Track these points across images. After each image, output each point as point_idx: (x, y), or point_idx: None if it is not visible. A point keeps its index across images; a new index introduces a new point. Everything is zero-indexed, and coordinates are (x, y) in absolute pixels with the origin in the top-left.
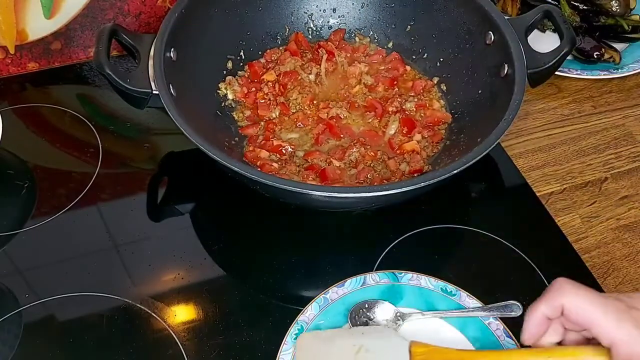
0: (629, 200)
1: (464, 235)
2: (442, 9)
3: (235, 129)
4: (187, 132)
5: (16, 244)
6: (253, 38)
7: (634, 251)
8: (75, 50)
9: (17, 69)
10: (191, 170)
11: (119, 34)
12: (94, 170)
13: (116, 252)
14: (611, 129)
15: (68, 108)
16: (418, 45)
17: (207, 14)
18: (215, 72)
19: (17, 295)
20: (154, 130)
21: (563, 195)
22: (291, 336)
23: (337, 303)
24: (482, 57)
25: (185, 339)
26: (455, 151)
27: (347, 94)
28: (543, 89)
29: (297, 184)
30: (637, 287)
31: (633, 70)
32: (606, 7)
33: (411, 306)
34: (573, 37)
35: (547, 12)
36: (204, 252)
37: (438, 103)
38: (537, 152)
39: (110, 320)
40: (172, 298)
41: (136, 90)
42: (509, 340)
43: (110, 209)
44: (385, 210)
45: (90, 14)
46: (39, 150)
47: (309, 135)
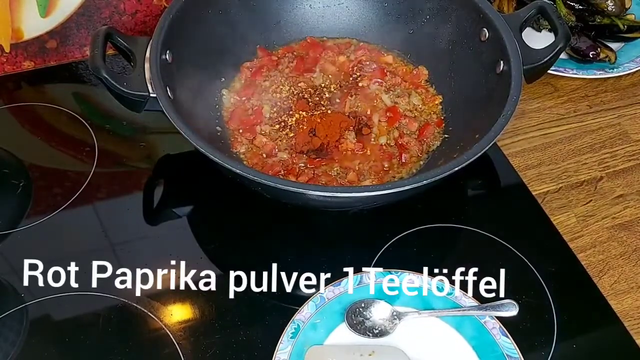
0: (624, 199)
1: (460, 234)
2: (436, 6)
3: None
4: (187, 135)
5: (11, 243)
6: (248, 38)
7: (629, 250)
8: (70, 49)
9: (13, 67)
10: (187, 172)
11: (114, 37)
12: (89, 169)
13: (112, 251)
14: (606, 128)
15: (64, 107)
16: (412, 43)
17: (201, 15)
18: (212, 73)
19: (13, 294)
20: (150, 129)
21: (559, 194)
22: (287, 335)
23: (334, 302)
24: (477, 54)
25: (182, 338)
26: (452, 150)
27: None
28: (539, 88)
29: (297, 185)
30: (632, 286)
31: (628, 70)
32: (602, 6)
33: (407, 305)
34: (568, 32)
35: (541, 8)
36: (200, 251)
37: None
38: (533, 151)
39: (107, 320)
40: (169, 297)
41: (133, 93)
42: (504, 339)
43: (106, 208)
44: (381, 209)
45: (86, 13)
46: (34, 149)
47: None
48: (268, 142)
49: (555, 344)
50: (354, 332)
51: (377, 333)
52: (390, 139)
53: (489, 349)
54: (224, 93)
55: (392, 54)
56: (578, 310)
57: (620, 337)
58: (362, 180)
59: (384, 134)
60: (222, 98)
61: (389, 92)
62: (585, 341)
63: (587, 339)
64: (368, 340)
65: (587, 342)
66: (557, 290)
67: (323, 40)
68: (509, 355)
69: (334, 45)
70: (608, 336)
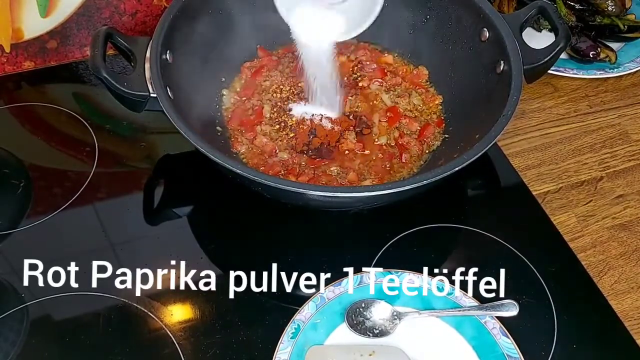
0: (625, 199)
1: (460, 234)
2: (436, 6)
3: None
4: (187, 135)
5: (12, 243)
6: (248, 38)
7: (629, 250)
8: (71, 49)
9: (13, 67)
10: (187, 172)
11: (114, 37)
12: (90, 170)
13: (112, 251)
14: (607, 128)
15: (64, 107)
16: (412, 43)
17: (202, 15)
18: (212, 73)
19: (13, 294)
20: (150, 129)
21: (559, 194)
22: (288, 335)
23: (334, 302)
24: (477, 54)
25: (182, 338)
26: (453, 150)
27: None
28: (539, 88)
29: (297, 185)
30: (632, 286)
31: (629, 70)
32: (602, 6)
33: (408, 305)
34: (568, 32)
35: (541, 8)
36: (201, 251)
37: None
38: (533, 151)
39: (107, 320)
40: (169, 297)
41: (133, 93)
42: (505, 339)
43: (107, 208)
44: (381, 209)
45: (86, 13)
46: (34, 149)
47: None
48: (268, 142)
49: (555, 344)
50: (354, 332)
51: (377, 333)
52: (390, 139)
53: (489, 349)
54: (224, 93)
55: (392, 54)
56: (578, 310)
57: (620, 337)
58: (363, 180)
59: (384, 134)
60: (222, 98)
61: (389, 92)
62: (585, 341)
63: (587, 339)
64: (368, 340)
65: (587, 342)
66: (557, 290)
67: None
68: (509, 355)
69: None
70: (608, 336)
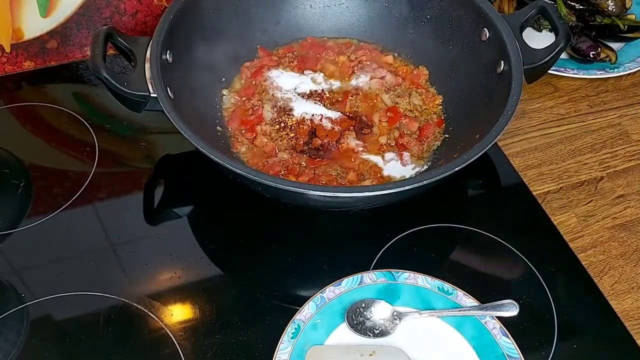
0: (625, 199)
1: (461, 234)
2: (436, 6)
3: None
4: (187, 135)
5: (12, 243)
6: (248, 38)
7: (629, 250)
8: (71, 49)
9: (13, 67)
10: (187, 172)
11: (115, 37)
12: (90, 170)
13: (112, 251)
14: (607, 128)
15: (64, 107)
16: (412, 43)
17: (202, 15)
18: (212, 73)
19: (13, 294)
20: (150, 129)
21: (559, 195)
22: (288, 335)
23: (334, 302)
24: (477, 54)
25: (182, 338)
26: (453, 150)
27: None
28: (539, 88)
29: (297, 185)
30: (632, 286)
31: (629, 70)
32: (602, 6)
33: (408, 305)
34: (568, 32)
35: (541, 8)
36: (201, 252)
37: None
38: (534, 151)
39: (107, 320)
40: (169, 297)
41: (134, 93)
42: (505, 339)
43: (107, 208)
44: (381, 209)
45: (86, 13)
46: (35, 149)
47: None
48: (268, 142)
49: (556, 344)
50: (355, 332)
51: (377, 333)
52: (390, 139)
53: (490, 349)
54: (225, 93)
55: (392, 54)
56: (578, 310)
57: (620, 337)
58: (363, 180)
59: (385, 134)
60: (222, 98)
61: (390, 92)
62: (585, 341)
63: (587, 339)
64: (368, 340)
65: (588, 342)
66: (557, 290)
67: (323, 40)
68: (509, 356)
69: (334, 45)
70: (608, 336)
